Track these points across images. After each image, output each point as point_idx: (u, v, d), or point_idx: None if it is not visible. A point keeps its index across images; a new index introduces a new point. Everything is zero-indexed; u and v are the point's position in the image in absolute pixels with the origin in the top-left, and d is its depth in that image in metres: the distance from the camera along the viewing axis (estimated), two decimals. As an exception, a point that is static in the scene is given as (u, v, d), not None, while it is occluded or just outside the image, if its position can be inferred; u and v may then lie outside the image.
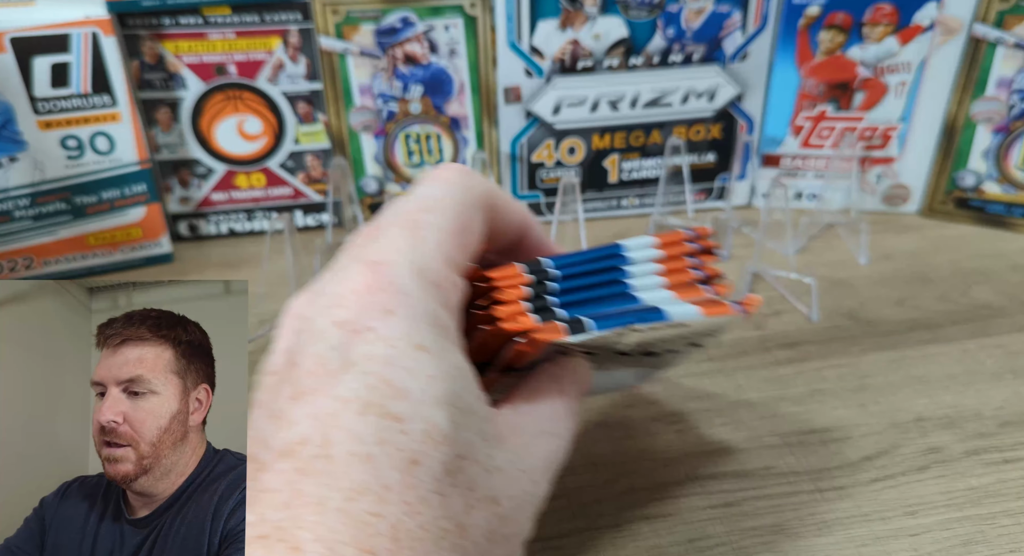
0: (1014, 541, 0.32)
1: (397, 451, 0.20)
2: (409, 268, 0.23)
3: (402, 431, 0.21)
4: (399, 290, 0.23)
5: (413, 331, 0.22)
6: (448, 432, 0.21)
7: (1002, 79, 0.53)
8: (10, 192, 0.50)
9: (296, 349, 0.23)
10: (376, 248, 0.24)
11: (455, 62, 0.55)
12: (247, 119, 0.56)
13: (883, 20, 0.54)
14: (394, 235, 0.24)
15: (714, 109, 0.58)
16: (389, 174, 0.59)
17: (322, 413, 0.21)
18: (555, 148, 0.58)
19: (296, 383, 0.22)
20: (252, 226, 0.60)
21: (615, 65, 0.55)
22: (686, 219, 0.57)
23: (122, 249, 0.55)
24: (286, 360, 0.23)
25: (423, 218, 0.24)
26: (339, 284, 0.23)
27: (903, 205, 0.60)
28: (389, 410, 0.21)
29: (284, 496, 0.20)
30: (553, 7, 0.53)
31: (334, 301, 0.23)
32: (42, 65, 0.48)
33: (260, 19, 0.53)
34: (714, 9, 0.54)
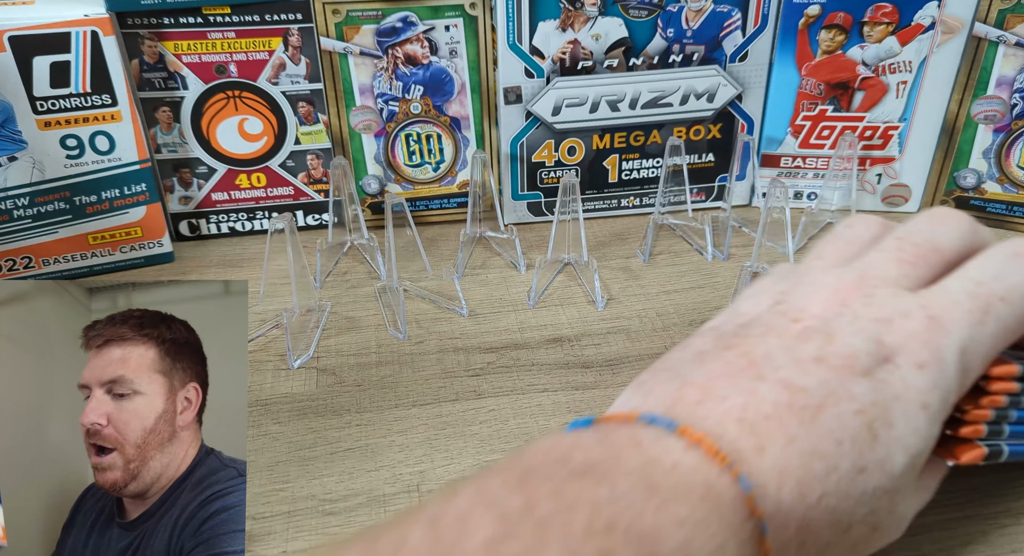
0: (1015, 541, 0.32)
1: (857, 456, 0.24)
2: (959, 345, 0.26)
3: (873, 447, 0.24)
4: (940, 358, 0.25)
5: (928, 393, 0.25)
6: (897, 472, 0.25)
7: (1003, 78, 0.53)
8: (9, 191, 0.50)
9: (831, 327, 0.26)
10: (941, 305, 0.26)
11: (455, 62, 0.55)
12: (248, 119, 0.56)
13: (883, 19, 0.54)
14: (965, 305, 0.26)
15: (714, 109, 0.58)
16: (390, 174, 0.59)
17: (832, 388, 0.24)
18: (555, 148, 0.58)
19: (823, 351, 0.25)
20: (253, 226, 0.60)
21: (615, 65, 0.55)
22: (686, 219, 0.58)
23: (122, 249, 0.55)
24: (820, 321, 0.26)
25: (996, 306, 0.27)
26: (894, 309, 0.26)
27: (903, 205, 0.60)
28: (875, 429, 0.24)
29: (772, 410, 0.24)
30: (553, 7, 0.53)
31: (884, 322, 0.26)
32: (42, 64, 0.48)
33: (260, 19, 0.53)
34: (714, 9, 0.54)
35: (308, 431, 0.39)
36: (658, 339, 0.46)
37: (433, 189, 0.60)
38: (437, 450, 0.38)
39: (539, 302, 0.50)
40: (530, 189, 0.60)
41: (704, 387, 0.25)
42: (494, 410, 0.40)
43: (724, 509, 0.21)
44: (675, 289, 0.51)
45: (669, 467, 0.22)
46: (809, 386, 0.24)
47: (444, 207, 0.61)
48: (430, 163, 0.59)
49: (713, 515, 0.21)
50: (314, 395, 0.42)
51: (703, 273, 0.53)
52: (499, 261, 0.55)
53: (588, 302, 0.50)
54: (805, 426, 0.23)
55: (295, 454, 0.38)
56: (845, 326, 0.26)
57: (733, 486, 0.22)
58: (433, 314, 0.49)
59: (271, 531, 0.33)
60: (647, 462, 0.22)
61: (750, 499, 0.22)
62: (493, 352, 0.45)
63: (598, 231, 0.59)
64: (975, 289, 0.27)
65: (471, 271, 0.54)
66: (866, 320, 0.26)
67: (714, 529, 0.21)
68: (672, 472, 0.22)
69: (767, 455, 0.23)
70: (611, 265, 0.54)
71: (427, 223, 0.61)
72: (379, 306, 0.50)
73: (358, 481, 0.36)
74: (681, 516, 0.20)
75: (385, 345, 0.46)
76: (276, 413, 0.41)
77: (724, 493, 0.22)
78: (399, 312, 0.48)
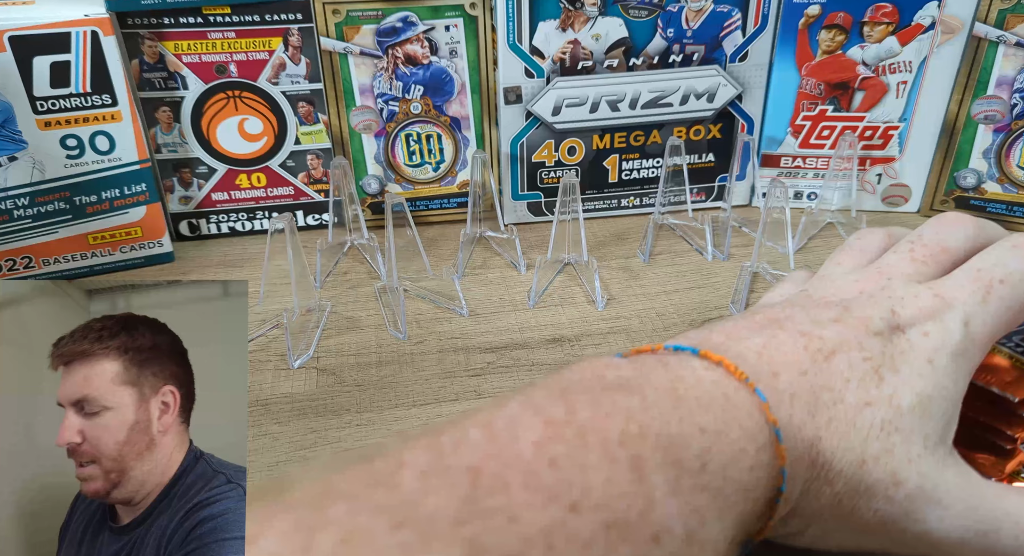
0: (1014, 541, 0.32)
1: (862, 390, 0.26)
2: (962, 317, 0.28)
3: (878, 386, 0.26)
4: (944, 327, 0.28)
5: (933, 352, 0.27)
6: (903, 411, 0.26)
7: (1003, 78, 0.53)
8: (9, 191, 0.50)
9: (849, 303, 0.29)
10: (946, 287, 0.29)
11: (455, 62, 0.55)
12: (248, 119, 0.56)
13: (883, 19, 0.54)
14: (968, 287, 0.29)
15: (714, 109, 0.58)
16: (390, 174, 0.59)
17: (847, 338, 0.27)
18: (555, 148, 0.58)
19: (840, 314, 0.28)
20: (253, 226, 0.60)
21: (615, 65, 0.55)
22: (686, 219, 0.58)
23: (122, 249, 0.55)
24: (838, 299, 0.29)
25: (996, 288, 0.29)
26: (906, 291, 0.29)
27: (903, 205, 0.60)
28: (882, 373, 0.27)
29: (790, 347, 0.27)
30: (553, 8, 0.53)
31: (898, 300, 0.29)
32: (42, 64, 0.48)
33: (260, 19, 0.53)
34: (714, 9, 0.54)
35: (308, 431, 0.39)
36: (658, 339, 0.46)
37: (433, 189, 0.60)
38: (437, 450, 0.38)
39: (539, 302, 0.50)
40: (530, 189, 0.60)
41: (727, 333, 0.28)
42: (494, 410, 0.40)
43: (742, 416, 0.24)
44: (675, 289, 0.51)
45: (693, 382, 0.24)
46: (825, 335, 0.27)
47: (444, 207, 0.61)
48: (430, 163, 0.59)
49: (733, 423, 0.23)
50: (314, 395, 0.42)
51: (703, 273, 0.53)
52: (499, 261, 0.55)
53: (588, 302, 0.50)
54: (817, 364, 0.26)
55: (295, 454, 0.38)
56: (863, 302, 0.29)
57: (751, 397, 0.25)
58: (433, 314, 0.49)
59: (271, 531, 0.33)
60: (673, 378, 0.24)
61: (765, 407, 0.24)
62: (493, 352, 0.45)
63: (598, 231, 0.59)
64: (976, 274, 0.29)
65: (471, 271, 0.54)
66: (881, 298, 0.29)
67: (734, 436, 0.23)
68: (695, 386, 0.24)
69: (781, 379, 0.26)
70: (611, 265, 0.54)
71: (427, 223, 0.61)
72: (379, 306, 0.50)
73: (358, 481, 0.36)
74: (703, 424, 0.23)
75: (385, 345, 0.46)
76: (276, 413, 0.41)
77: (742, 403, 0.24)
78: (399, 312, 0.48)
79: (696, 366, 0.25)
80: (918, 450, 0.26)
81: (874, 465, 0.25)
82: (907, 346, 0.27)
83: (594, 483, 0.20)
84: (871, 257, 0.33)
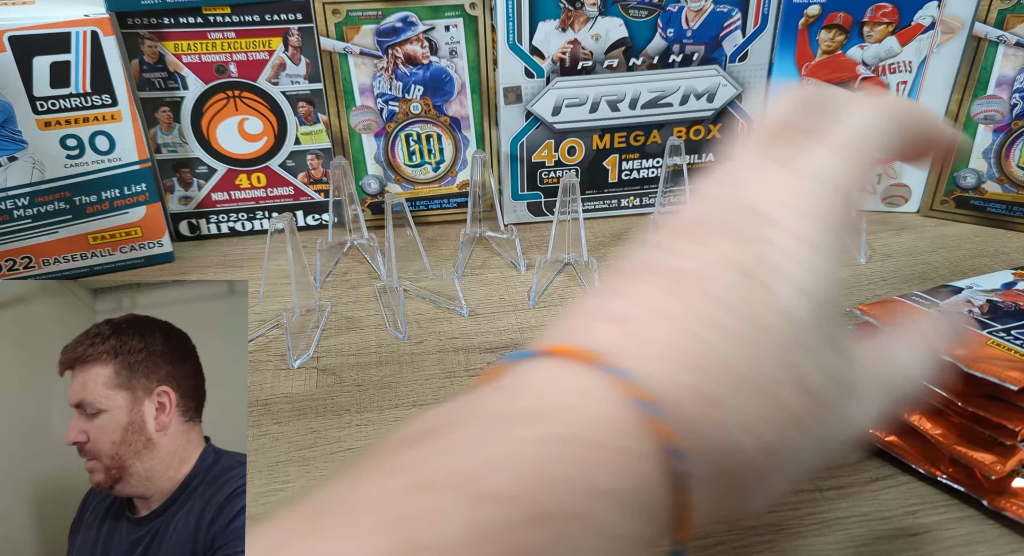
0: (1015, 541, 0.32)
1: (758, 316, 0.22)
2: (835, 189, 0.24)
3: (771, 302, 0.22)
4: (821, 200, 0.24)
5: (816, 235, 0.24)
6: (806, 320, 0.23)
7: (1003, 78, 0.53)
8: (9, 191, 0.50)
9: (704, 214, 0.25)
10: (805, 162, 0.25)
11: (455, 62, 0.55)
12: (248, 119, 0.56)
13: (883, 19, 0.54)
14: (824, 155, 0.25)
15: (714, 109, 0.58)
16: (390, 174, 0.59)
17: (709, 257, 0.23)
18: (555, 148, 0.58)
19: (695, 233, 0.24)
20: (253, 226, 0.60)
21: (615, 65, 0.55)
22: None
23: (122, 249, 0.55)
24: (693, 219, 0.25)
25: (857, 146, 0.26)
26: (759, 181, 0.25)
27: (903, 205, 0.60)
28: (767, 282, 0.22)
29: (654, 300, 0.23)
30: (553, 7, 0.53)
31: (752, 190, 0.25)
32: (42, 64, 0.48)
33: (260, 19, 0.53)
34: (714, 9, 0.54)
35: (308, 431, 0.39)
36: (658, 339, 0.46)
37: (433, 189, 0.60)
38: (437, 450, 0.38)
39: (539, 302, 0.50)
40: (530, 189, 0.60)
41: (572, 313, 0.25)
42: (494, 410, 0.40)
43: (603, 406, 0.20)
44: (675, 289, 0.51)
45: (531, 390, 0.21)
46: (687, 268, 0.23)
47: (444, 207, 0.61)
48: (430, 163, 0.59)
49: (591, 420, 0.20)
50: (314, 395, 0.42)
51: (703, 273, 0.53)
52: (499, 261, 0.55)
53: (588, 302, 0.50)
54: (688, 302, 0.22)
55: (295, 454, 0.38)
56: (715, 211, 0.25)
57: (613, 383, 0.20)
58: (433, 314, 0.49)
59: (271, 531, 0.33)
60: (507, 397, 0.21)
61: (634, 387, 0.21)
62: (493, 352, 0.45)
63: (598, 231, 0.59)
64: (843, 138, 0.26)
65: (471, 271, 0.54)
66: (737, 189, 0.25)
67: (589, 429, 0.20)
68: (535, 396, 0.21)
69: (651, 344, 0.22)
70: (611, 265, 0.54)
71: (427, 223, 0.61)
72: (379, 306, 0.50)
73: (358, 481, 0.36)
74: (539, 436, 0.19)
75: (385, 345, 0.46)
76: (276, 413, 0.41)
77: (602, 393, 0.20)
78: (399, 312, 0.48)
79: (538, 369, 0.21)
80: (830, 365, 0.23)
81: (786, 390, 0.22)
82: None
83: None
84: None
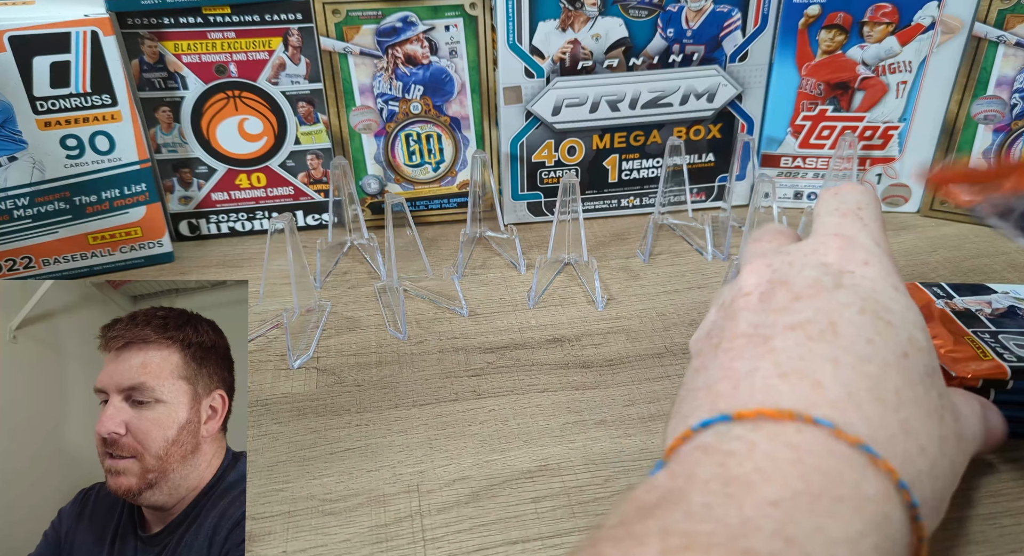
0: (1014, 541, 0.32)
1: (891, 344, 0.25)
2: (871, 239, 0.29)
3: (894, 332, 0.26)
4: (870, 250, 0.28)
5: (889, 276, 0.28)
6: (926, 346, 0.26)
7: (1003, 78, 0.53)
8: (9, 191, 0.50)
9: (779, 278, 0.28)
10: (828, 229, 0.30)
11: (455, 62, 0.55)
12: (248, 119, 0.56)
13: (883, 19, 0.54)
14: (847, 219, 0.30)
15: (714, 109, 0.58)
16: (389, 174, 0.59)
17: (825, 307, 0.26)
18: (555, 148, 0.58)
19: (792, 291, 0.27)
20: (253, 226, 0.60)
21: (615, 65, 0.55)
22: (686, 219, 0.58)
23: (122, 249, 0.55)
24: (768, 282, 0.28)
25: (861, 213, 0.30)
26: (806, 246, 0.29)
27: (903, 205, 0.60)
28: (881, 316, 0.26)
29: (798, 352, 0.25)
30: (553, 7, 0.53)
31: (813, 252, 0.29)
32: (42, 64, 0.48)
33: (260, 19, 0.53)
34: (714, 9, 0.54)
35: (308, 431, 0.39)
36: (658, 339, 0.46)
37: (433, 189, 0.60)
38: (437, 450, 0.38)
39: (539, 302, 0.50)
40: (530, 189, 0.60)
41: (726, 377, 0.25)
42: (494, 410, 0.40)
43: (820, 458, 0.22)
44: (675, 289, 0.51)
45: (745, 452, 0.22)
46: (809, 317, 0.26)
47: (444, 207, 0.61)
48: (430, 163, 0.59)
49: (813, 472, 0.21)
50: (314, 395, 0.42)
51: (703, 273, 0.53)
52: (499, 261, 0.55)
53: (588, 302, 0.50)
54: (831, 344, 0.25)
55: (295, 454, 0.38)
56: (789, 270, 0.28)
57: (818, 434, 0.22)
58: (433, 314, 0.49)
59: (271, 531, 0.33)
60: (721, 461, 0.22)
61: (838, 432, 0.23)
62: (493, 352, 0.45)
63: (598, 231, 0.59)
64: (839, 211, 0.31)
65: (471, 271, 0.54)
66: (797, 256, 0.29)
67: (816, 481, 0.21)
68: (750, 456, 0.22)
69: (825, 389, 0.24)
70: (611, 265, 0.54)
71: (427, 223, 0.61)
72: (379, 306, 0.50)
73: (358, 481, 0.36)
74: (768, 494, 0.20)
75: (385, 345, 0.46)
76: (276, 413, 0.41)
77: (812, 444, 0.22)
78: (399, 312, 0.48)
79: (738, 434, 0.23)
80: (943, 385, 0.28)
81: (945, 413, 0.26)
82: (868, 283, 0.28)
83: None
84: None
